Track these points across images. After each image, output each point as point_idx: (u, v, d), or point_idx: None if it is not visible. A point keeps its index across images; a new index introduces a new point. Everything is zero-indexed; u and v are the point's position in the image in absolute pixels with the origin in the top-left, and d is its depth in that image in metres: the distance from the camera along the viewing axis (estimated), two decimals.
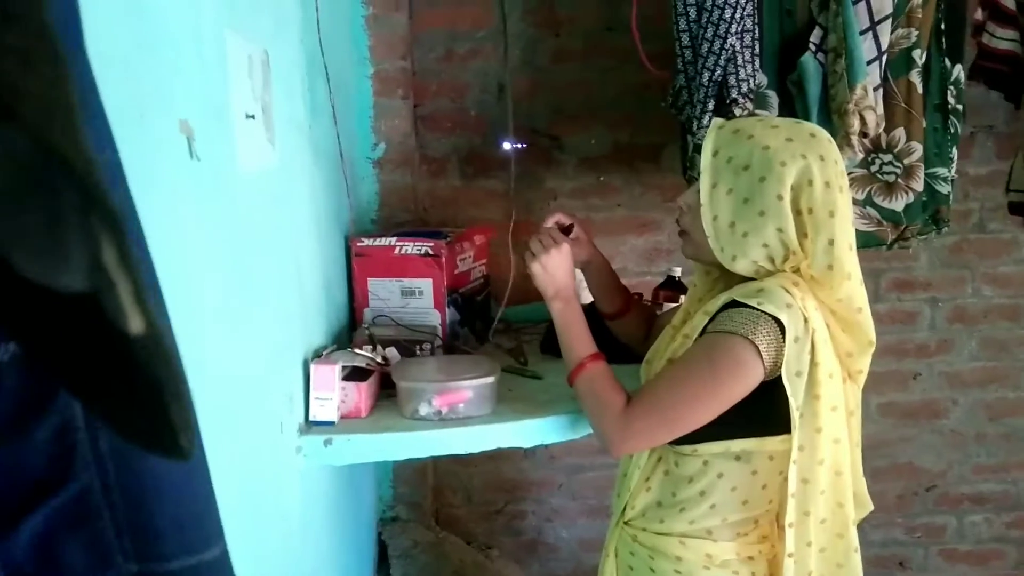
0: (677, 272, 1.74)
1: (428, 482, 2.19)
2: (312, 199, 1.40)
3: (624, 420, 1.20)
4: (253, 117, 1.04)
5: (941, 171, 1.61)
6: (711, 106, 1.51)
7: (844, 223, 1.15)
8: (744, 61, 1.50)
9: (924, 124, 1.57)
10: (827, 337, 1.16)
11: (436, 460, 2.16)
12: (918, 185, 1.57)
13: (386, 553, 2.02)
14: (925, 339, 2.27)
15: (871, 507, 1.30)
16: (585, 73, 2.10)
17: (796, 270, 1.18)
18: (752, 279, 1.20)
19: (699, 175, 1.22)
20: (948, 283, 2.24)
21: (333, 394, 1.27)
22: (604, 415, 1.22)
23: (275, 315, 1.13)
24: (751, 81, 1.51)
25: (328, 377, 1.27)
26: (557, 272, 1.32)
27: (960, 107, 1.63)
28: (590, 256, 1.44)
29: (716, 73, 1.49)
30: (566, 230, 1.41)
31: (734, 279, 1.23)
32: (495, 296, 1.96)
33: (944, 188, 1.61)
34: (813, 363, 1.13)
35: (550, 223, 1.42)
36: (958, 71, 1.62)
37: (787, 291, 1.14)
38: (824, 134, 1.19)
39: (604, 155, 2.14)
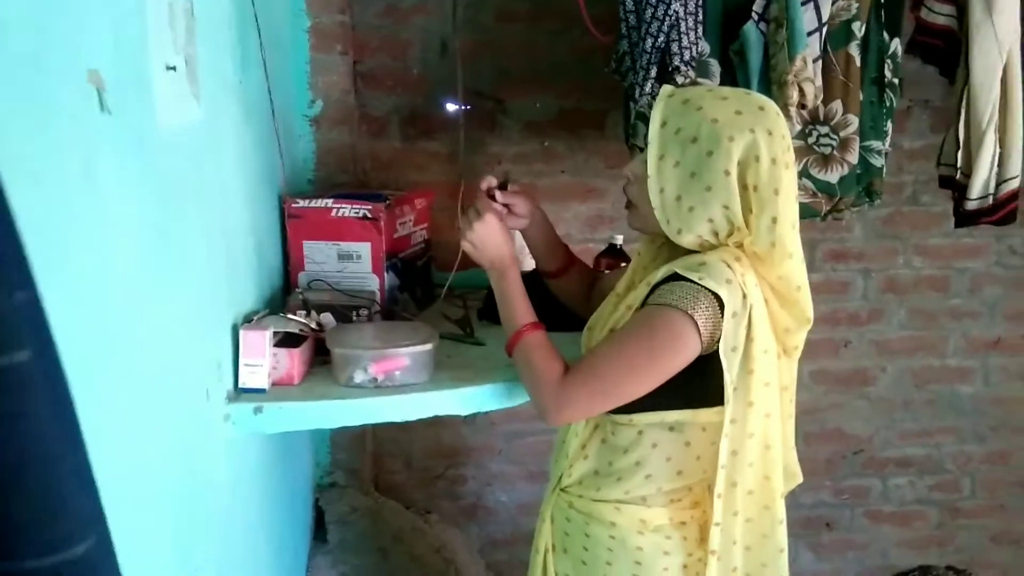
0: (619, 240, 1.74)
1: (367, 448, 2.17)
2: (241, 157, 1.35)
3: (561, 389, 1.20)
4: (174, 69, 0.98)
5: (876, 144, 1.63)
6: (654, 73, 1.49)
7: (788, 201, 1.16)
8: (687, 28, 1.48)
9: (861, 97, 1.59)
10: (765, 313, 1.17)
11: (375, 427, 2.14)
12: (853, 158, 1.59)
13: (323, 519, 2.00)
14: (857, 308, 2.33)
15: (800, 479, 1.33)
16: (531, 35, 2.06)
17: (739, 245, 1.18)
18: (696, 251, 1.20)
19: (643, 144, 1.21)
20: (881, 254, 2.29)
21: (264, 360, 1.24)
22: (541, 384, 1.22)
23: (199, 278, 1.09)
24: (694, 49, 1.49)
25: (258, 343, 1.23)
26: (487, 244, 1.31)
27: (896, 81, 1.65)
28: (528, 212, 1.42)
29: (659, 40, 1.48)
30: (501, 186, 1.39)
31: (678, 249, 1.23)
32: (436, 261, 1.93)
33: (878, 161, 1.64)
34: (749, 339, 1.14)
35: (483, 187, 1.40)
36: (896, 45, 1.64)
37: (728, 266, 1.14)
38: (773, 107, 1.18)
39: (549, 120, 2.11)
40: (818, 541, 2.46)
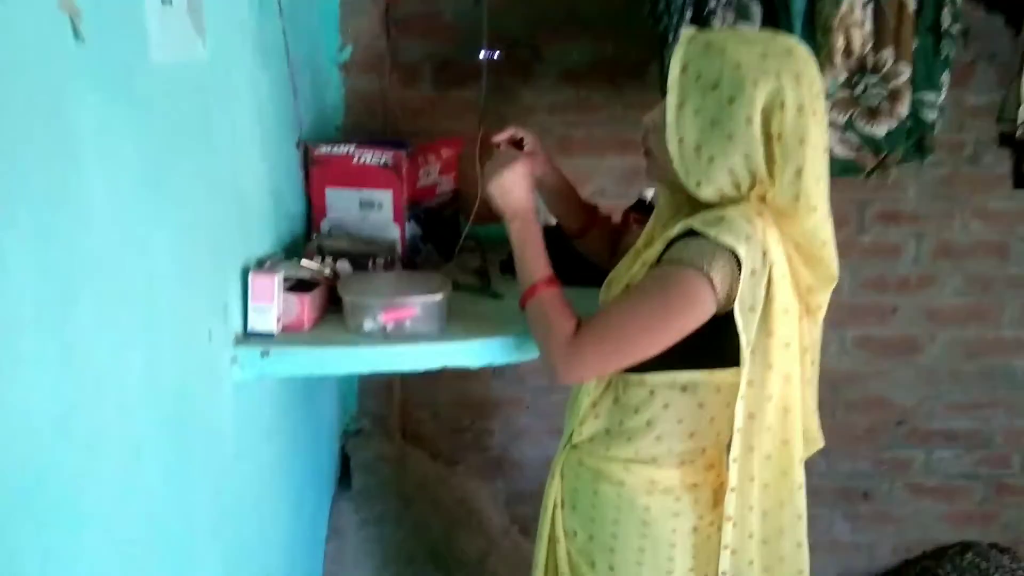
0: (649, 194, 1.67)
1: (395, 397, 2.18)
2: (255, 101, 1.33)
3: (572, 346, 1.16)
4: (170, 3, 0.96)
5: (929, 96, 1.52)
6: (688, 16, 1.42)
7: (815, 152, 1.09)
8: None
9: (915, 45, 1.48)
10: (786, 271, 1.11)
11: (402, 376, 2.14)
12: (903, 110, 1.49)
13: (348, 465, 2.02)
14: (907, 273, 2.21)
15: (821, 443, 1.27)
16: None
17: (762, 198, 1.12)
18: (716, 205, 1.15)
19: (664, 91, 1.14)
20: (936, 216, 2.16)
21: (272, 305, 1.23)
22: (552, 340, 1.18)
23: (202, 221, 1.08)
24: None
25: (267, 287, 1.23)
26: (512, 191, 1.27)
27: (954, 30, 1.53)
28: (545, 172, 1.38)
29: None
30: (518, 144, 1.34)
31: (699, 203, 1.18)
32: (464, 212, 1.90)
33: (931, 115, 1.53)
34: (768, 298, 1.09)
35: (502, 138, 1.36)
36: None
37: (749, 221, 1.08)
38: (803, 50, 1.11)
39: (585, 69, 2.04)
40: (855, 511, 2.39)
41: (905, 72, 1.47)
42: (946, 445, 2.33)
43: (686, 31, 1.14)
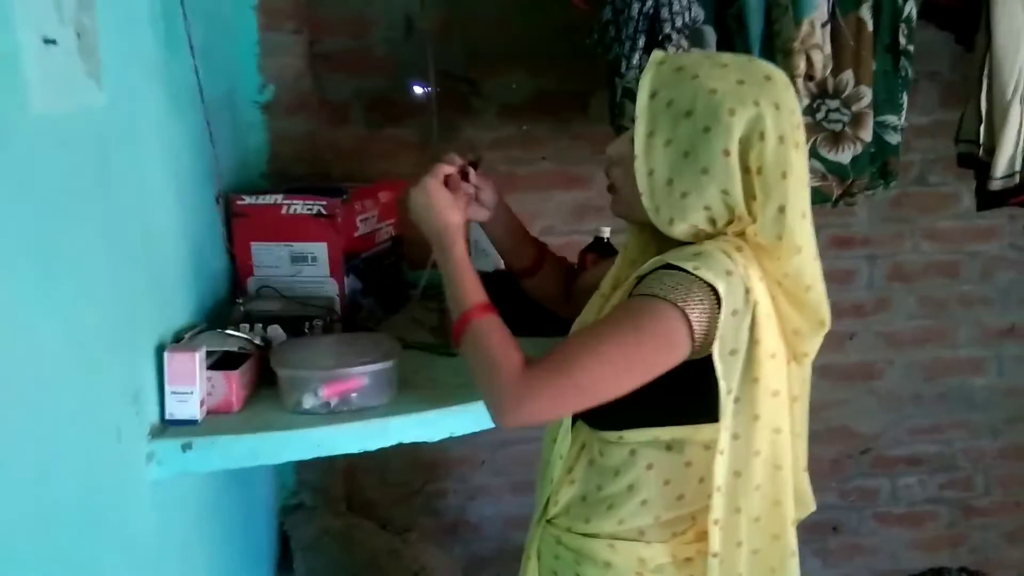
0: (606, 233, 1.56)
1: (337, 464, 1.99)
2: (166, 149, 1.16)
3: (522, 381, 1.00)
4: (55, 43, 0.80)
5: (891, 119, 1.47)
6: (641, 43, 1.32)
7: (798, 186, 0.99)
8: None
9: (874, 67, 1.42)
10: (771, 312, 1.00)
11: None
12: (867, 135, 1.42)
13: (289, 546, 1.83)
14: (862, 298, 2.17)
15: (813, 507, 1.17)
16: (505, 9, 1.88)
17: (740, 234, 1.01)
18: (690, 243, 1.04)
19: (631, 122, 1.03)
20: (887, 239, 2.13)
21: (194, 387, 1.06)
22: (495, 375, 1.01)
23: (104, 294, 0.91)
24: (686, 15, 1.32)
25: (187, 366, 1.05)
26: (424, 212, 1.12)
27: (911, 48, 1.48)
28: (493, 203, 1.24)
29: (647, 5, 1.30)
30: (473, 165, 1.21)
31: (669, 241, 1.07)
32: (409, 260, 1.75)
33: (894, 138, 1.48)
34: (753, 341, 0.98)
35: (448, 169, 1.21)
36: (910, 8, 1.47)
37: (728, 256, 0.98)
38: (782, 76, 1.02)
39: (527, 103, 1.93)
40: (825, 547, 2.31)
41: (867, 95, 1.40)
42: (911, 471, 2.28)
43: (654, 54, 1.04)
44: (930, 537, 2.33)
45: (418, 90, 1.89)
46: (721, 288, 0.95)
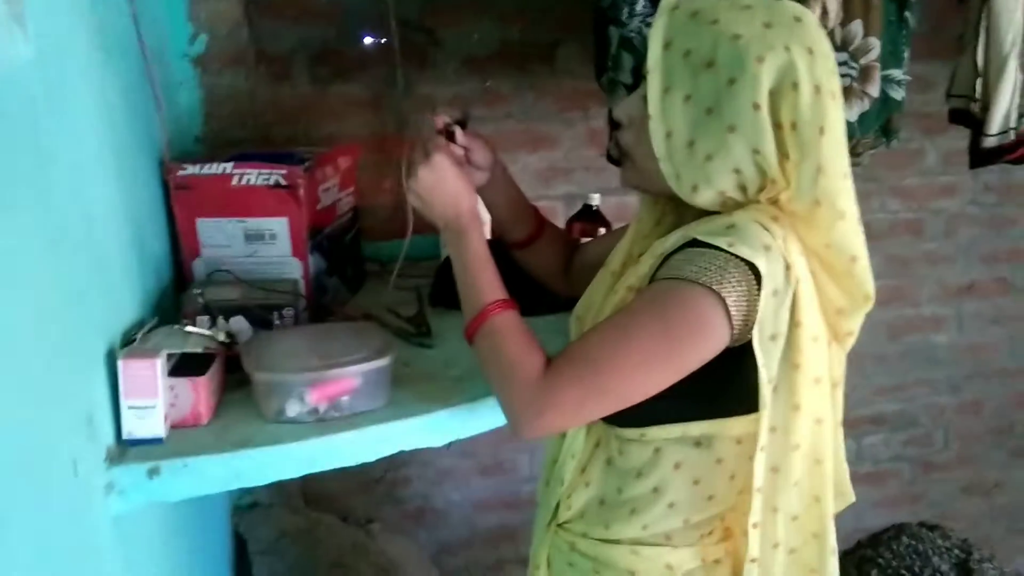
0: (595, 200, 1.43)
1: None
2: (102, 110, 0.96)
3: (543, 387, 0.89)
4: None
5: (895, 73, 1.38)
6: None
7: (837, 143, 0.88)
8: None
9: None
10: (813, 291, 0.90)
11: None
12: (874, 90, 1.33)
13: (246, 550, 1.66)
14: None
15: (852, 499, 1.09)
16: None
17: (774, 201, 0.90)
18: (716, 212, 0.92)
19: (631, 78, 0.90)
20: (857, 198, 2.08)
21: (156, 399, 0.88)
22: (515, 380, 0.90)
23: (45, 292, 0.72)
24: None
25: (146, 375, 0.87)
26: (438, 195, 0.98)
27: None
28: (488, 163, 1.11)
29: None
30: (460, 123, 1.06)
31: (690, 212, 0.95)
32: (365, 231, 1.58)
33: (898, 93, 1.39)
34: (794, 323, 0.88)
35: (438, 124, 1.07)
36: None
37: (765, 228, 0.87)
38: (811, 17, 0.91)
39: (490, 55, 1.76)
40: None
41: (875, 47, 1.31)
42: (875, 430, 2.28)
43: (665, 0, 0.91)
44: (893, 495, 2.35)
45: (368, 41, 1.69)
46: (761, 265, 0.84)
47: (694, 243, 0.88)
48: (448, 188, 0.98)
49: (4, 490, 0.59)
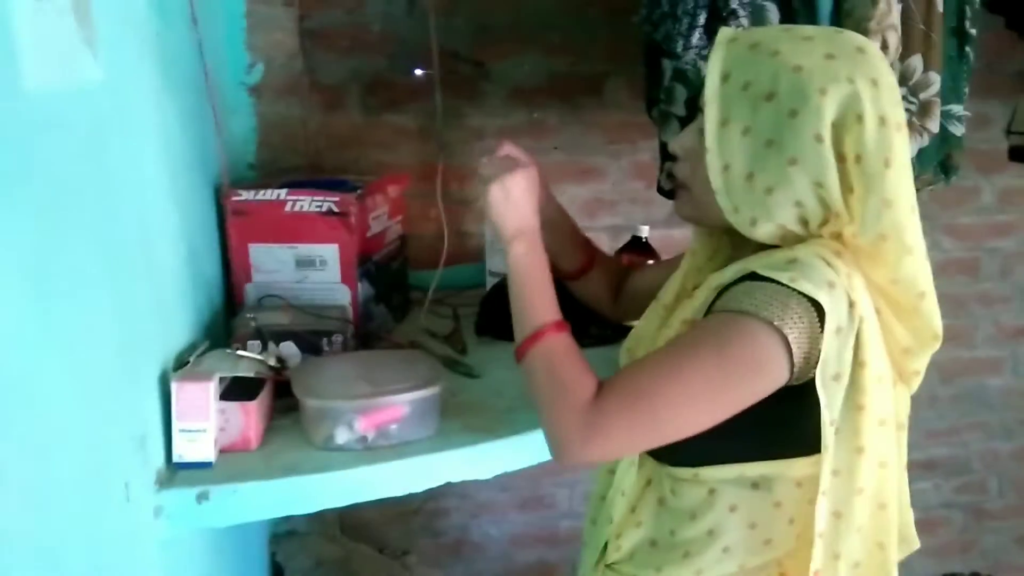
0: (644, 232, 1.42)
1: None
2: (162, 135, 0.97)
3: (592, 414, 0.86)
4: None
5: (955, 109, 1.35)
6: (702, 19, 1.17)
7: (903, 176, 0.86)
8: None
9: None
10: (878, 329, 0.87)
11: None
12: (934, 125, 1.30)
13: None
14: None
15: (917, 544, 1.04)
16: None
17: (837, 236, 0.88)
18: (775, 246, 0.90)
19: (684, 111, 0.89)
20: None
21: (207, 423, 0.88)
22: (564, 404, 0.87)
23: (106, 315, 0.72)
24: None
25: (198, 398, 0.87)
26: (519, 203, 0.97)
27: (974, 32, 1.36)
28: (547, 199, 1.10)
29: None
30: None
31: (748, 246, 0.93)
32: (411, 260, 1.59)
33: (958, 129, 1.36)
34: (857, 363, 0.84)
35: (501, 154, 1.06)
36: None
37: (827, 263, 0.84)
38: (874, 49, 0.89)
39: (538, 87, 1.76)
40: None
41: (935, 82, 1.29)
42: (926, 475, 2.21)
43: (723, 32, 0.90)
44: (943, 544, 2.26)
45: (419, 72, 1.71)
46: (825, 302, 0.81)
47: (753, 276, 0.86)
48: (526, 203, 0.97)
49: (60, 512, 0.58)
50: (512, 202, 0.97)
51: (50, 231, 0.60)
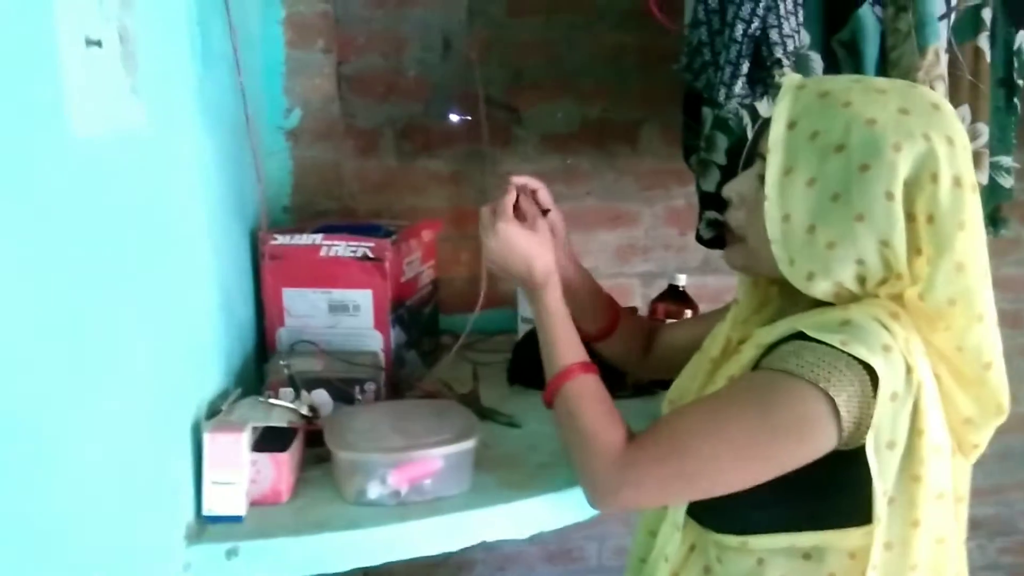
0: (681, 281, 1.39)
1: None
2: (203, 180, 0.97)
3: (624, 460, 0.85)
4: (99, 45, 0.61)
5: (1004, 160, 1.32)
6: (745, 68, 1.16)
7: (976, 240, 0.82)
8: (787, 11, 1.15)
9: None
10: (937, 396, 0.82)
11: None
12: (983, 177, 1.26)
13: None
14: None
15: None
16: (549, 31, 1.72)
17: (895, 297, 0.84)
18: (826, 304, 0.86)
19: (723, 159, 0.87)
20: None
21: (239, 476, 0.85)
22: (593, 451, 0.87)
23: (144, 370, 0.71)
24: (796, 38, 1.16)
25: (232, 450, 0.85)
26: (507, 258, 0.98)
27: (1022, 83, 1.33)
28: (567, 259, 1.09)
29: (753, 26, 1.14)
30: (533, 192, 1.07)
31: (800, 300, 0.89)
32: (442, 304, 1.57)
33: (1007, 181, 1.33)
34: (914, 431, 0.80)
35: (512, 192, 1.04)
36: (1021, 39, 1.33)
37: (884, 326, 0.80)
38: (948, 106, 0.85)
39: (571, 133, 1.76)
40: None
41: (984, 133, 1.25)
42: (970, 535, 2.10)
43: (791, 78, 0.88)
44: None
45: (454, 118, 1.71)
46: (879, 367, 0.77)
47: (800, 335, 0.83)
48: (515, 250, 0.97)
49: (90, 568, 0.56)
50: (505, 257, 0.98)
51: (90, 282, 0.59)
